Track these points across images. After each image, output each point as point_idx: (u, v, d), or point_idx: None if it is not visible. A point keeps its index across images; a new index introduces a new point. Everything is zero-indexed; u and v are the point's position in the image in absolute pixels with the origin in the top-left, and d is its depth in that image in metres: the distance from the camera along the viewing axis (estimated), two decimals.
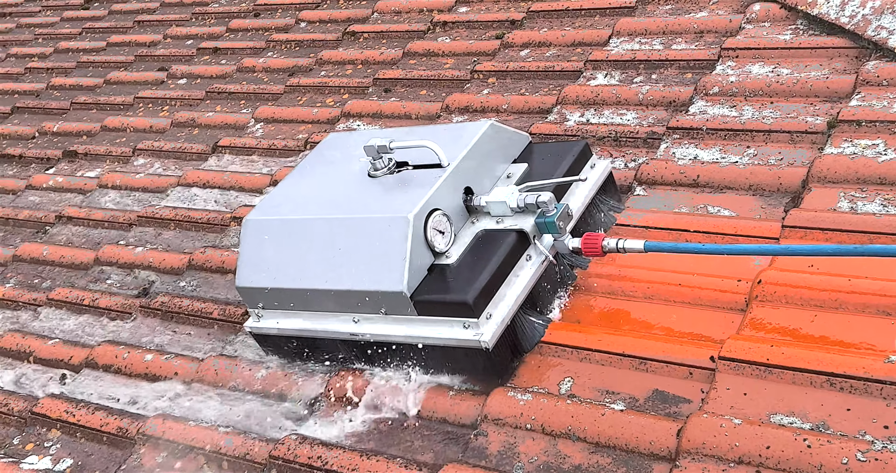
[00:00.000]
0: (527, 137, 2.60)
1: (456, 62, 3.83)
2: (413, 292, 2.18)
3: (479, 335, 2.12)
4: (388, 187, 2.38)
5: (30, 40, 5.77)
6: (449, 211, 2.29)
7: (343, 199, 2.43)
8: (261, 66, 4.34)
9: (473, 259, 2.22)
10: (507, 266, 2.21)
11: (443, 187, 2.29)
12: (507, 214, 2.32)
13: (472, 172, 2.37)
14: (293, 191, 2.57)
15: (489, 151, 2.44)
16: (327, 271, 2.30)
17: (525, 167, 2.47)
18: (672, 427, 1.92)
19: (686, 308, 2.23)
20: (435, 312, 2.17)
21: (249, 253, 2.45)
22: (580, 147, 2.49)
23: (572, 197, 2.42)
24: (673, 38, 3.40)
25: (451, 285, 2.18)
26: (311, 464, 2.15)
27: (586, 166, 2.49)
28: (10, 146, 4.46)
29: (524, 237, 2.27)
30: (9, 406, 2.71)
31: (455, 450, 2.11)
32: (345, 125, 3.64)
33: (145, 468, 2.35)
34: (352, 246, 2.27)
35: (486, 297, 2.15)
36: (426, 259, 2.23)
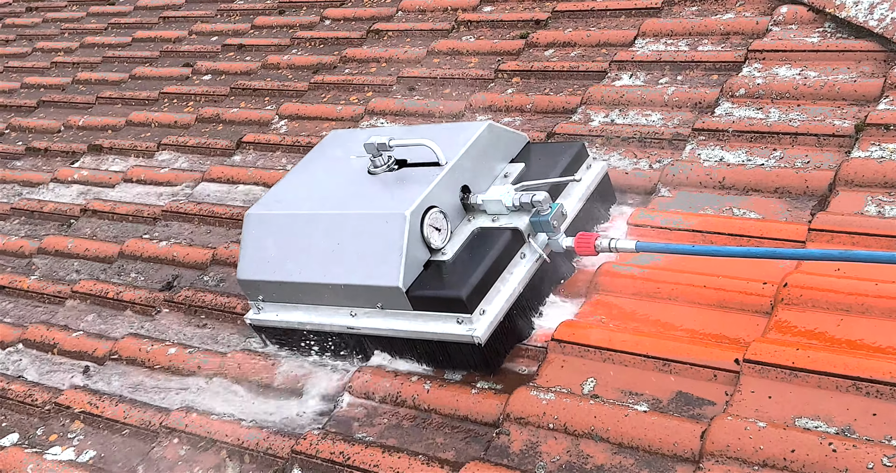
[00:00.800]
0: (525, 137, 2.64)
1: (480, 61, 3.83)
2: (409, 288, 2.23)
3: (473, 330, 2.17)
4: (387, 184, 2.42)
5: (56, 35, 5.82)
6: (446, 209, 2.34)
7: (343, 195, 2.48)
8: (285, 63, 4.36)
9: (469, 256, 2.27)
10: (502, 263, 2.26)
11: (440, 185, 2.33)
12: (502, 212, 2.36)
13: (469, 171, 2.42)
14: (295, 186, 2.62)
15: (487, 150, 2.48)
16: (326, 265, 2.35)
17: (522, 167, 2.51)
18: (696, 428, 1.92)
19: (711, 310, 2.22)
20: (430, 307, 2.22)
21: (251, 246, 2.50)
22: (576, 148, 2.53)
23: (568, 197, 2.46)
24: (699, 40, 3.39)
25: (446, 281, 2.23)
26: (334, 460, 2.16)
27: (582, 167, 2.53)
28: (36, 140, 4.50)
29: (519, 236, 2.31)
30: (33, 397, 2.73)
31: (477, 448, 2.11)
32: (368, 123, 3.65)
33: (168, 460, 2.37)
34: (350, 241, 2.32)
35: (479, 293, 2.19)
36: (422, 255, 2.27)
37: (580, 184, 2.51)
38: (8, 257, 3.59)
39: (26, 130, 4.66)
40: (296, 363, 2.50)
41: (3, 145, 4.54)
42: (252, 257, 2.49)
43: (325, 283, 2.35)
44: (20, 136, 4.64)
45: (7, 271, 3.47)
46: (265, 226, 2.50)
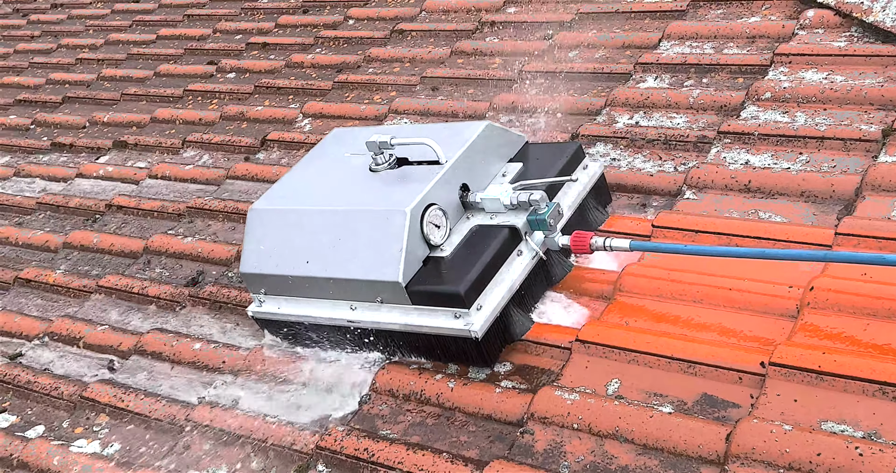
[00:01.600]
0: (524, 137, 2.69)
1: (504, 62, 3.84)
2: (408, 283, 2.28)
3: (470, 324, 2.22)
4: (388, 181, 2.48)
5: (81, 31, 5.86)
6: (445, 206, 2.39)
7: (344, 191, 2.53)
8: (309, 62, 4.38)
9: (467, 253, 2.32)
10: (499, 260, 2.31)
11: (440, 183, 2.39)
12: (500, 210, 2.41)
13: (468, 170, 2.47)
14: (298, 182, 2.68)
15: (486, 149, 2.53)
16: (327, 259, 2.40)
17: (520, 166, 2.56)
18: (721, 431, 1.92)
19: (736, 313, 2.23)
20: (428, 301, 2.27)
21: (254, 241, 2.56)
22: (573, 148, 2.59)
23: (564, 196, 2.52)
24: (724, 43, 3.39)
25: (444, 277, 2.28)
26: (358, 456, 2.17)
27: (579, 167, 2.59)
28: (62, 135, 4.54)
29: (516, 233, 2.36)
30: (59, 390, 2.76)
31: (501, 447, 2.12)
32: (392, 122, 3.66)
33: (192, 454, 2.39)
34: (351, 237, 2.38)
35: (477, 289, 2.24)
36: (422, 251, 2.32)
37: (577, 184, 2.56)
38: (34, 250, 3.63)
39: (52, 125, 4.70)
40: (320, 359, 2.51)
41: (29, 140, 4.58)
42: (255, 250, 2.55)
43: (325, 277, 2.40)
44: (45, 131, 4.68)
45: (33, 265, 3.50)
46: (268, 221, 2.56)
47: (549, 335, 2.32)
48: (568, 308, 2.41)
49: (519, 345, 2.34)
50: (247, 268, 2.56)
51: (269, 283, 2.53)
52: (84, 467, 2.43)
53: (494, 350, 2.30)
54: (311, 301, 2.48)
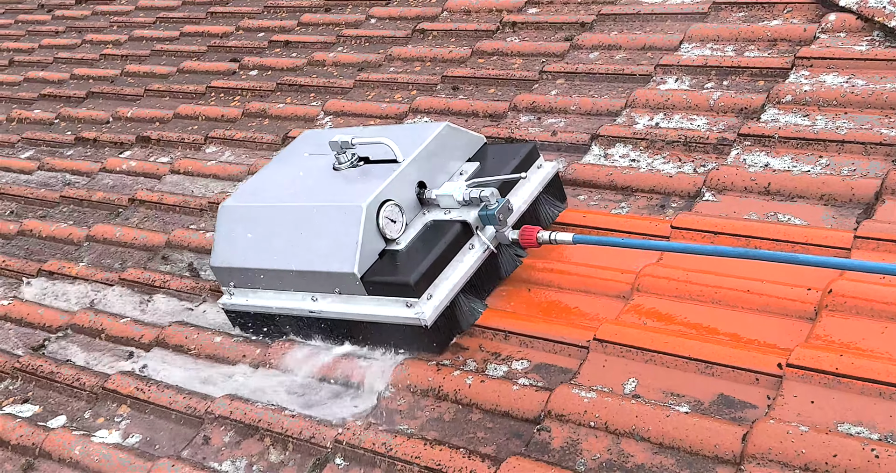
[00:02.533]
0: (482, 138, 2.82)
1: (524, 62, 3.86)
2: (364, 274, 2.41)
3: (420, 313, 2.35)
4: (350, 179, 2.62)
5: (105, 27, 5.92)
6: (402, 202, 2.52)
7: (309, 188, 2.67)
8: (331, 60, 4.41)
9: (420, 246, 2.46)
10: (451, 253, 2.44)
11: (396, 181, 2.52)
12: (454, 206, 2.54)
13: (426, 168, 2.60)
14: (267, 180, 2.82)
15: (444, 149, 2.67)
16: (290, 253, 2.54)
17: (477, 165, 2.70)
18: (738, 431, 1.93)
19: (754, 315, 2.24)
20: (382, 292, 2.40)
21: (224, 235, 2.70)
22: (528, 149, 2.72)
23: (517, 194, 2.64)
24: (745, 46, 3.39)
25: (397, 268, 2.41)
26: (376, 450, 2.20)
27: (533, 167, 2.72)
28: (85, 130, 4.59)
29: (468, 228, 2.49)
30: (81, 381, 2.80)
31: (518, 444, 2.14)
32: (413, 121, 3.69)
33: (212, 446, 2.42)
34: (312, 231, 2.51)
35: (427, 279, 2.37)
36: (377, 245, 2.45)
37: (529, 182, 2.69)
38: (57, 243, 3.67)
39: (76, 120, 4.75)
40: (340, 354, 2.54)
41: (53, 135, 4.63)
42: (225, 245, 2.68)
43: (288, 269, 2.53)
44: (69, 126, 4.73)
45: (56, 257, 3.55)
46: (237, 217, 2.70)
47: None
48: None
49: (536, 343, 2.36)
50: (217, 262, 2.69)
51: (238, 276, 2.66)
52: (105, 457, 2.47)
53: (445, 337, 2.44)
54: (277, 293, 2.61)
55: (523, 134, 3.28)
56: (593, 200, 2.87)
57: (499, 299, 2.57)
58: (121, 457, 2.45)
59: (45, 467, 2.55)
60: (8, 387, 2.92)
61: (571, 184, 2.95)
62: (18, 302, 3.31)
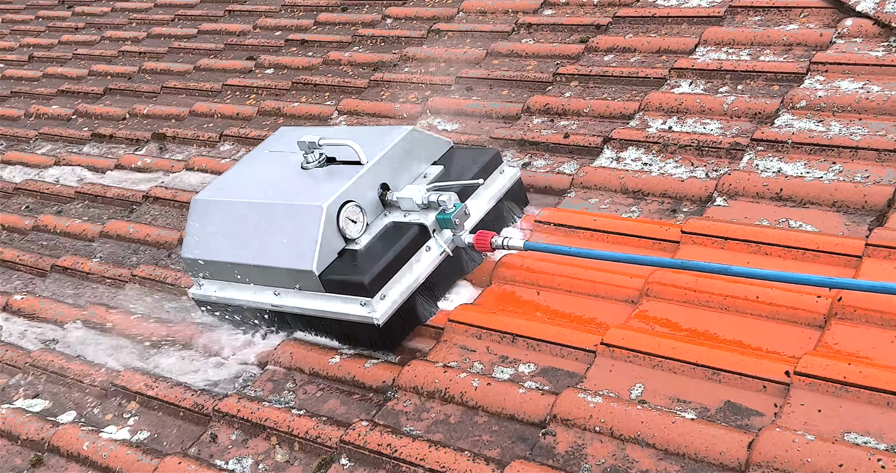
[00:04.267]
0: (449, 142, 2.87)
1: (539, 64, 3.85)
2: (322, 272, 2.48)
3: (373, 312, 2.43)
4: (316, 178, 2.69)
5: (124, 24, 5.95)
6: (364, 203, 2.58)
7: (276, 186, 2.75)
8: (346, 59, 4.42)
9: (378, 246, 2.53)
10: (407, 254, 2.51)
11: (359, 182, 2.58)
12: (413, 209, 2.59)
13: (389, 171, 2.66)
14: (239, 176, 2.90)
15: (409, 152, 2.73)
16: (256, 248, 2.62)
17: (441, 169, 2.76)
18: (743, 439, 1.92)
19: (762, 322, 2.23)
20: (339, 289, 2.48)
21: (195, 229, 2.78)
22: (491, 154, 2.79)
23: (478, 198, 2.70)
24: (761, 50, 3.37)
25: (353, 268, 2.48)
26: (381, 451, 2.20)
27: (495, 172, 2.78)
28: (102, 126, 4.62)
29: (424, 230, 2.56)
30: (91, 377, 2.82)
31: (523, 448, 2.14)
32: (426, 122, 3.69)
33: (219, 444, 2.43)
34: (276, 228, 2.58)
35: (382, 280, 2.44)
36: (337, 244, 2.52)
37: (491, 187, 2.75)
38: (71, 239, 3.70)
39: (92, 116, 4.78)
40: (350, 354, 2.54)
41: (70, 130, 4.66)
42: (196, 237, 2.76)
43: (254, 264, 2.62)
44: (86, 121, 4.76)
45: (70, 253, 3.57)
46: (208, 211, 2.77)
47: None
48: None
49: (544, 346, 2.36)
50: (187, 253, 2.77)
51: (207, 268, 2.75)
52: (113, 453, 2.48)
53: (397, 336, 2.52)
54: (243, 286, 2.69)
55: (535, 136, 3.28)
56: (604, 203, 2.87)
57: (507, 301, 2.57)
58: (128, 453, 2.46)
59: (53, 462, 2.57)
60: (19, 382, 2.94)
61: (583, 187, 2.95)
62: (31, 297, 3.33)
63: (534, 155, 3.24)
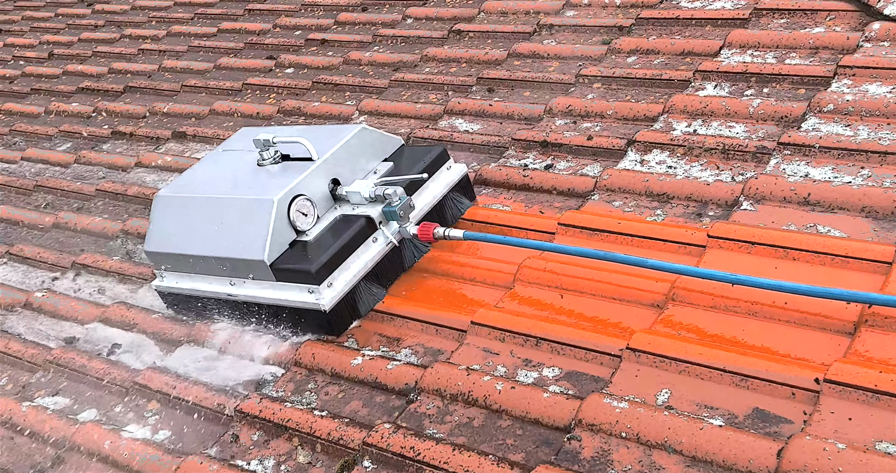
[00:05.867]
0: (399, 140, 3.04)
1: (561, 66, 3.83)
2: (273, 262, 2.63)
3: (320, 298, 2.57)
4: (270, 174, 2.83)
5: (143, 22, 5.96)
6: (314, 197, 2.73)
7: (233, 182, 2.89)
8: (367, 59, 4.41)
9: (327, 237, 2.67)
10: (354, 245, 2.66)
11: (309, 177, 2.73)
12: (362, 202, 2.75)
13: (340, 166, 2.82)
14: (200, 173, 3.05)
15: (359, 150, 2.89)
16: (212, 240, 2.77)
17: (391, 165, 2.92)
18: (773, 446, 1.90)
19: (791, 328, 2.20)
20: (289, 278, 2.62)
21: (157, 223, 2.93)
22: (438, 151, 2.95)
23: (425, 192, 2.87)
24: (787, 53, 3.34)
25: (302, 258, 2.63)
26: (404, 454, 2.19)
27: (442, 168, 2.94)
28: (122, 124, 4.63)
29: (371, 223, 2.71)
30: (111, 375, 2.82)
31: (547, 452, 2.12)
32: (447, 122, 3.68)
33: (241, 445, 2.43)
34: (231, 221, 2.74)
35: (329, 269, 2.59)
36: (288, 236, 2.67)
37: (437, 182, 2.92)
38: (92, 236, 3.70)
39: (113, 113, 4.79)
40: (371, 357, 2.53)
41: (91, 128, 4.67)
42: (158, 232, 2.91)
43: (211, 256, 2.76)
44: (106, 119, 4.77)
45: (90, 251, 3.58)
46: (169, 206, 2.92)
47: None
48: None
49: (568, 350, 2.34)
50: (150, 247, 2.92)
51: (169, 260, 2.89)
52: (133, 452, 2.48)
53: (344, 321, 2.66)
54: (201, 277, 2.84)
55: (558, 138, 3.26)
56: (628, 206, 2.84)
57: (531, 305, 2.56)
58: (150, 452, 2.46)
59: (74, 460, 2.57)
60: (39, 379, 2.94)
61: (606, 190, 2.93)
62: (51, 294, 3.33)
63: (556, 157, 3.22)
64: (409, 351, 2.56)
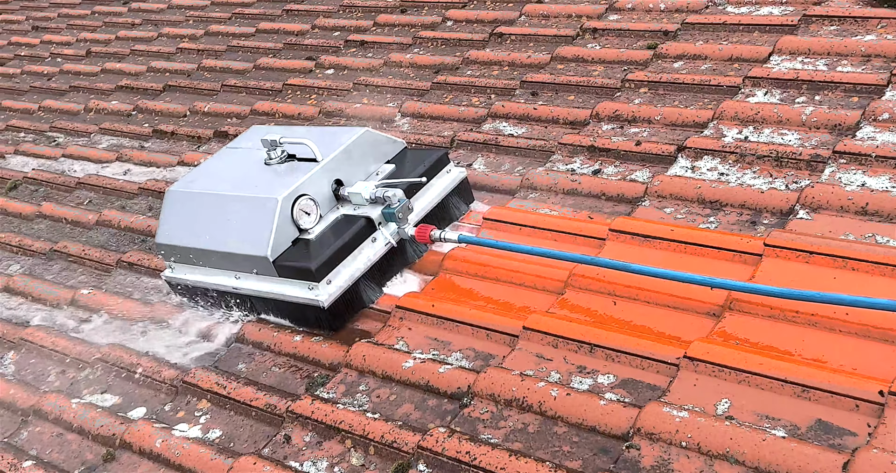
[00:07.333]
0: (402, 143, 3.12)
1: (605, 70, 3.82)
2: (276, 258, 2.73)
3: (319, 295, 2.68)
4: (277, 173, 2.91)
5: (181, 21, 5.99)
6: (318, 197, 2.82)
7: (241, 180, 2.97)
8: (407, 61, 4.41)
9: (329, 236, 2.77)
10: (354, 244, 2.75)
11: (313, 178, 2.82)
12: (363, 203, 2.84)
13: (343, 168, 2.90)
14: (210, 170, 3.14)
15: (363, 152, 2.96)
16: (219, 235, 2.86)
17: (393, 167, 3.00)
18: (837, 459, 1.88)
19: (854, 339, 2.18)
20: (290, 275, 2.72)
21: (168, 216, 3.03)
22: (439, 155, 3.03)
23: (424, 195, 2.95)
24: (838, 60, 3.32)
25: (303, 255, 2.72)
26: (460, 459, 2.18)
27: (442, 171, 3.02)
28: (163, 122, 4.65)
29: (371, 223, 2.80)
30: (160, 374, 2.83)
31: (605, 460, 2.11)
32: (491, 125, 3.67)
33: (293, 445, 2.43)
34: (237, 217, 2.83)
35: (328, 266, 2.69)
36: (291, 233, 2.77)
37: (437, 185, 3.00)
38: (135, 235, 3.72)
39: (153, 112, 4.81)
40: (420, 360, 2.53)
41: (132, 126, 4.70)
42: (168, 225, 3.01)
43: (217, 250, 2.86)
44: (147, 118, 4.80)
45: (134, 249, 3.59)
46: (180, 201, 3.02)
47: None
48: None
49: (623, 357, 2.32)
50: (161, 239, 3.02)
51: (178, 253, 2.99)
52: (186, 451, 2.49)
53: (342, 318, 2.75)
54: (208, 270, 2.93)
55: (605, 143, 3.25)
56: (680, 213, 2.83)
57: (583, 311, 2.55)
58: (202, 452, 2.47)
59: (125, 458, 2.58)
60: (88, 377, 2.96)
61: (657, 196, 2.91)
62: (98, 292, 3.35)
63: (604, 162, 3.21)
64: (459, 355, 2.56)
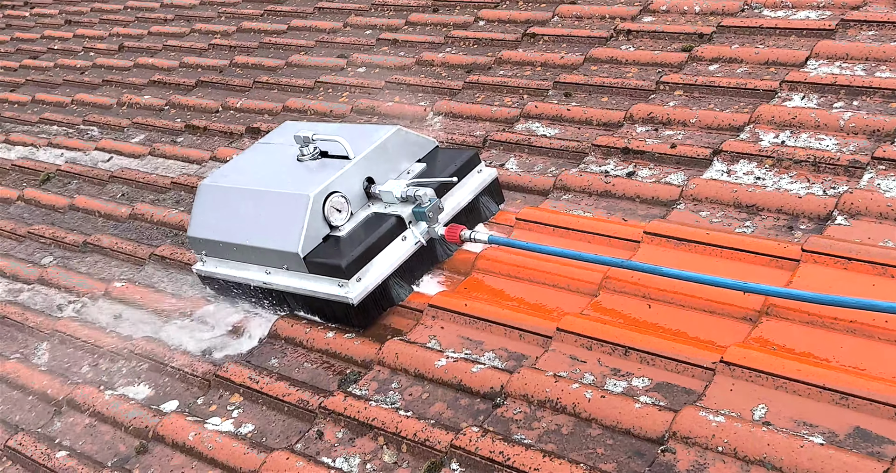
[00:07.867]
0: (434, 142, 3.12)
1: (639, 72, 3.80)
2: (307, 255, 2.74)
3: (349, 292, 2.69)
4: (309, 170, 2.92)
5: (213, 17, 6.02)
6: (349, 194, 2.83)
7: (273, 175, 2.99)
8: (439, 60, 4.41)
9: (359, 234, 2.78)
10: (384, 243, 2.75)
11: (345, 175, 2.83)
12: (394, 202, 2.85)
13: (375, 166, 2.91)
14: (242, 164, 3.15)
15: (394, 150, 2.97)
16: (250, 230, 2.88)
17: (424, 166, 3.01)
18: (877, 467, 1.87)
19: (892, 346, 2.16)
20: (320, 271, 2.73)
21: (200, 210, 3.06)
22: (470, 155, 3.04)
23: (455, 194, 2.96)
24: (876, 66, 3.29)
25: (334, 252, 2.73)
26: (493, 459, 2.18)
27: (473, 171, 3.02)
28: (195, 118, 4.67)
29: (401, 222, 2.80)
30: (193, 368, 2.85)
31: (640, 463, 2.11)
32: (524, 126, 3.67)
33: (325, 441, 2.44)
34: (269, 213, 2.85)
35: (358, 264, 2.69)
36: (322, 230, 2.78)
37: (467, 185, 3.00)
38: (168, 228, 3.75)
39: (185, 107, 4.84)
40: (456, 358, 2.53)
41: (164, 121, 4.73)
42: (200, 218, 3.04)
43: (249, 245, 2.87)
44: (179, 113, 4.83)
45: (167, 243, 3.62)
46: (212, 195, 3.05)
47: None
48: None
49: (658, 361, 2.32)
50: (192, 233, 3.04)
51: (209, 246, 3.01)
52: (218, 445, 2.50)
53: (371, 315, 2.76)
54: (239, 264, 2.95)
55: (640, 145, 3.24)
56: (716, 216, 2.82)
57: (617, 314, 2.54)
58: (234, 446, 2.48)
59: (158, 450, 2.60)
60: (121, 369, 2.98)
61: (693, 199, 2.90)
62: (131, 285, 3.38)
63: (638, 164, 3.20)
64: (492, 355, 2.56)
